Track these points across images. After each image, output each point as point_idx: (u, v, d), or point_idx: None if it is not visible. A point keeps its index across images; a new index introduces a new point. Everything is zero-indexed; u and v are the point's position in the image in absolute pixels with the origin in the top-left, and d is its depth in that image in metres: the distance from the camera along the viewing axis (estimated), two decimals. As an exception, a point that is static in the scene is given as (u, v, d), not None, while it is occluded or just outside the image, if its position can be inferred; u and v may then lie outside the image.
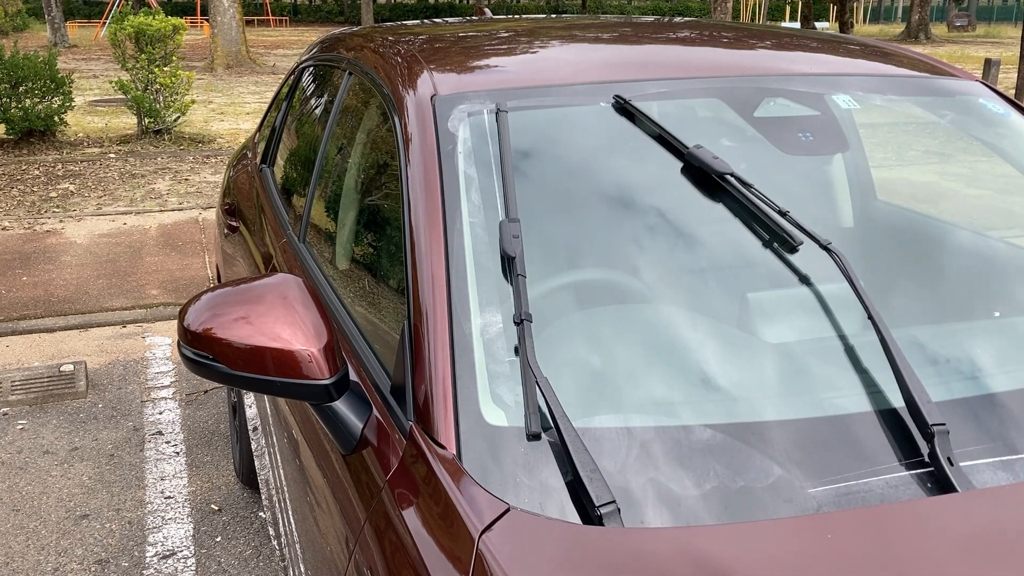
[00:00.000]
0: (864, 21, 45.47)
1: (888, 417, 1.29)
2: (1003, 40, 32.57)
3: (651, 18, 2.77)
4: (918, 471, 1.20)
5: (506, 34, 2.34)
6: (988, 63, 11.12)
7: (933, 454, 1.20)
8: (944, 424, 1.21)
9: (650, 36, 2.35)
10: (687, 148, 1.62)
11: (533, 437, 1.21)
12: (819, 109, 1.87)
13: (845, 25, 26.60)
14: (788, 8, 39.26)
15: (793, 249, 1.52)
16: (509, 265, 1.41)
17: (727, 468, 1.19)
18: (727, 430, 1.26)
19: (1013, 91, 12.84)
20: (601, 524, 1.10)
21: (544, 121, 1.76)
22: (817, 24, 29.56)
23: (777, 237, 1.53)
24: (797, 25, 28.12)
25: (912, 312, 1.61)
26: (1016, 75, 12.89)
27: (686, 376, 1.39)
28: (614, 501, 1.11)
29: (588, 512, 1.12)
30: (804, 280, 1.51)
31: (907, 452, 1.23)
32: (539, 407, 1.23)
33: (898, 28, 39.14)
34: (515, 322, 1.32)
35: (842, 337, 1.43)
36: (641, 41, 2.27)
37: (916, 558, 1.07)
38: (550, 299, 1.51)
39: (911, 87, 1.99)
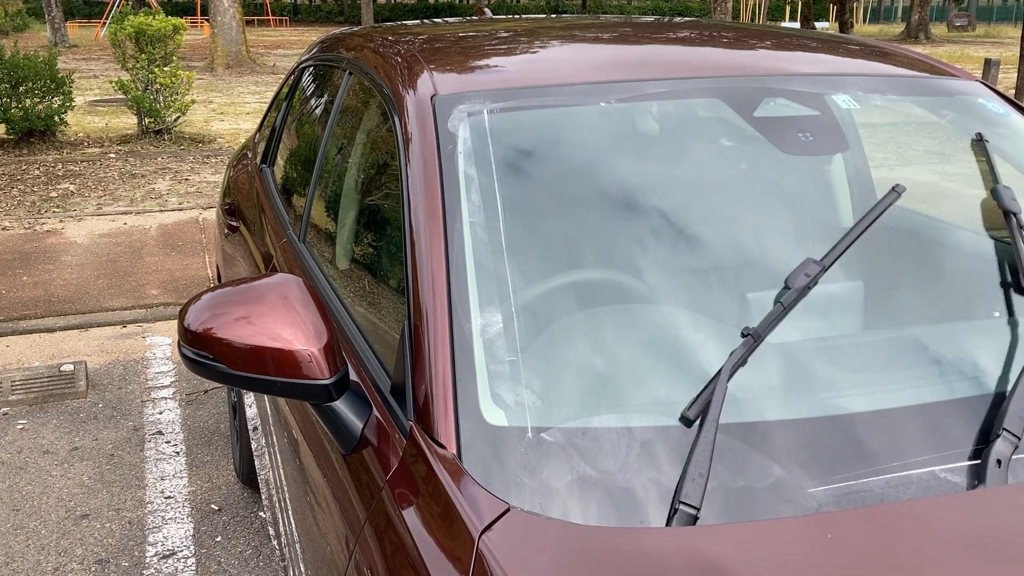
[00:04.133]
0: (864, 21, 45.48)
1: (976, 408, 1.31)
2: (1003, 40, 32.57)
3: (651, 18, 2.77)
4: (954, 464, 1.22)
5: (506, 34, 2.34)
6: (988, 63, 11.12)
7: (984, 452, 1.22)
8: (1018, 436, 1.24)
9: (650, 36, 2.35)
10: (996, 183, 1.72)
11: (685, 421, 1.24)
12: (819, 109, 1.87)
13: (845, 25, 26.59)
14: (788, 8, 39.26)
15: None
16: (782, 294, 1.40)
17: (728, 468, 1.19)
18: (731, 430, 1.26)
19: (1013, 91, 12.84)
20: (671, 519, 1.11)
21: (544, 121, 1.76)
22: (817, 24, 29.57)
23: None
24: (797, 25, 28.13)
25: (912, 312, 1.61)
26: (1016, 75, 12.89)
27: (688, 376, 1.39)
28: (698, 508, 1.11)
29: (672, 505, 1.13)
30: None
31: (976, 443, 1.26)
32: (708, 400, 1.24)
33: (898, 28, 39.14)
34: (743, 335, 1.33)
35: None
36: (641, 41, 2.28)
37: (921, 557, 1.07)
38: (551, 299, 1.51)
39: (911, 87, 1.99)
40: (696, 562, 1.05)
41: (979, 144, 1.85)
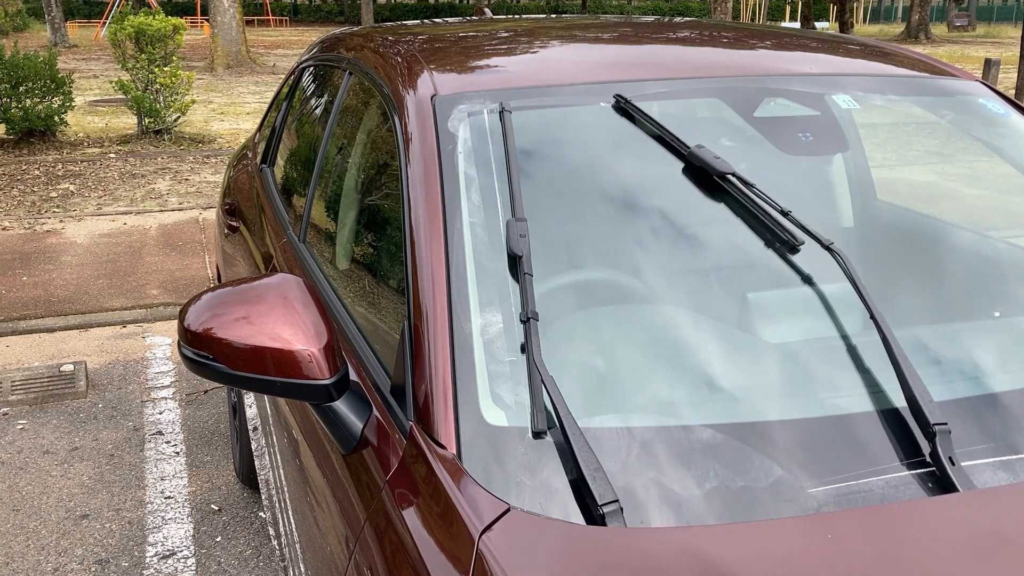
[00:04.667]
0: (864, 21, 45.49)
1: (889, 417, 1.29)
2: (1003, 40, 32.58)
3: (651, 18, 2.77)
4: (919, 471, 1.20)
5: (506, 34, 2.34)
6: (988, 63, 11.12)
7: (935, 454, 1.20)
8: (946, 423, 1.22)
9: (650, 36, 2.35)
10: (688, 148, 1.62)
11: (538, 435, 1.22)
12: (819, 109, 1.87)
13: (845, 25, 26.61)
14: (788, 8, 39.27)
15: (795, 249, 1.52)
16: (515, 264, 1.41)
17: (727, 468, 1.19)
18: (727, 430, 1.26)
19: (1013, 91, 12.84)
20: (604, 523, 1.10)
21: (544, 121, 1.76)
22: (817, 24, 29.58)
23: (778, 237, 1.53)
24: (797, 25, 28.13)
25: (912, 312, 1.61)
26: (1016, 75, 12.89)
27: (687, 376, 1.39)
28: (617, 500, 1.11)
29: (591, 511, 1.12)
30: (805, 280, 1.51)
31: (908, 452, 1.23)
32: (544, 405, 1.23)
33: (898, 28, 39.15)
34: (521, 320, 1.32)
35: (843, 337, 1.43)
36: (641, 41, 2.28)
37: (917, 558, 1.07)
38: (551, 299, 1.51)
39: (911, 87, 1.99)
40: (696, 562, 1.05)
41: (623, 107, 1.70)
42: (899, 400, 1.29)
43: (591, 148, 1.74)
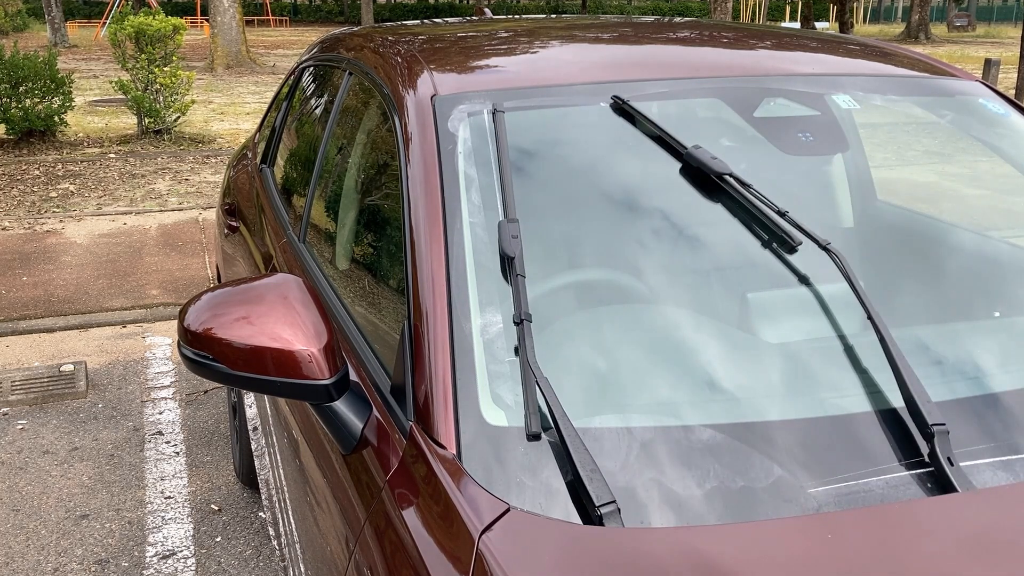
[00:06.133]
0: (864, 21, 45.50)
1: (888, 417, 1.29)
2: (1003, 40, 32.58)
3: (651, 18, 2.77)
4: (918, 471, 1.21)
5: (506, 34, 2.34)
6: (988, 63, 11.12)
7: (933, 454, 1.20)
8: (944, 424, 1.22)
9: (650, 36, 2.35)
10: (686, 148, 1.62)
11: (533, 437, 1.21)
12: (819, 109, 1.87)
13: (845, 25, 26.62)
14: (788, 8, 39.27)
15: (792, 249, 1.52)
16: (508, 265, 1.41)
17: (727, 468, 1.19)
18: (727, 430, 1.26)
19: (1013, 91, 12.84)
20: (601, 524, 1.10)
21: (544, 121, 1.76)
22: (817, 24, 29.59)
23: (776, 237, 1.53)
24: (797, 25, 28.14)
25: (912, 312, 1.61)
26: (1016, 75, 12.90)
27: (686, 376, 1.39)
28: (614, 501, 1.11)
29: (588, 512, 1.12)
30: (803, 280, 1.51)
31: (907, 452, 1.23)
32: (539, 407, 1.23)
33: (898, 28, 39.16)
34: (515, 322, 1.32)
35: (841, 337, 1.43)
36: (641, 41, 2.28)
37: (917, 558, 1.07)
38: (550, 299, 1.51)
39: (911, 87, 1.99)
40: (696, 562, 1.05)
41: (621, 108, 1.71)
42: (898, 400, 1.29)
43: (591, 148, 1.74)
